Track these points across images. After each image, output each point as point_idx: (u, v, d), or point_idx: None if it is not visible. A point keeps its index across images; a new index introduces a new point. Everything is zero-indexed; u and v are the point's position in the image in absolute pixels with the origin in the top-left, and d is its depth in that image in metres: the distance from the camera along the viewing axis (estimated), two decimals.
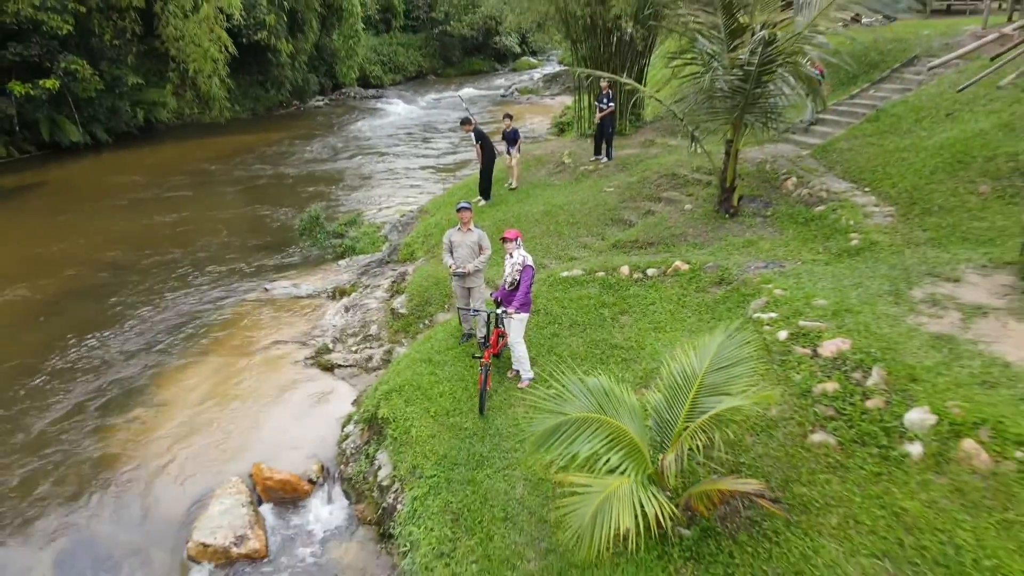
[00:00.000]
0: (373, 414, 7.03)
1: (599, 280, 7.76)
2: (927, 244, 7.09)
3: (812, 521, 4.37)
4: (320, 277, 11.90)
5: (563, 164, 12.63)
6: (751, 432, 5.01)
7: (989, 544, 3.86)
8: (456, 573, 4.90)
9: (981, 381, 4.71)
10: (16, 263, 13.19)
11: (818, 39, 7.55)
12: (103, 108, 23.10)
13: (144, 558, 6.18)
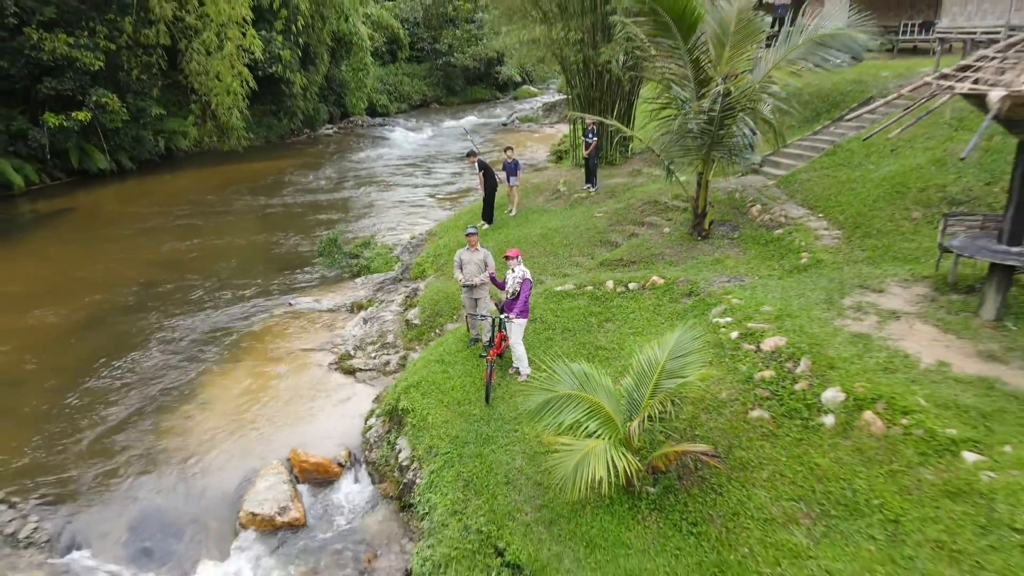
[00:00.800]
0: (393, 407, 8.23)
1: (588, 293, 9.02)
2: (864, 262, 8.37)
3: (748, 476, 5.57)
4: (339, 293, 13.16)
5: (558, 192, 14.01)
6: (705, 411, 6.23)
7: (878, 488, 5.07)
8: (467, 525, 6.07)
9: (884, 368, 5.95)
10: (60, 282, 14.44)
11: (772, 89, 8.93)
12: (128, 137, 24.61)
13: (202, 525, 7.34)
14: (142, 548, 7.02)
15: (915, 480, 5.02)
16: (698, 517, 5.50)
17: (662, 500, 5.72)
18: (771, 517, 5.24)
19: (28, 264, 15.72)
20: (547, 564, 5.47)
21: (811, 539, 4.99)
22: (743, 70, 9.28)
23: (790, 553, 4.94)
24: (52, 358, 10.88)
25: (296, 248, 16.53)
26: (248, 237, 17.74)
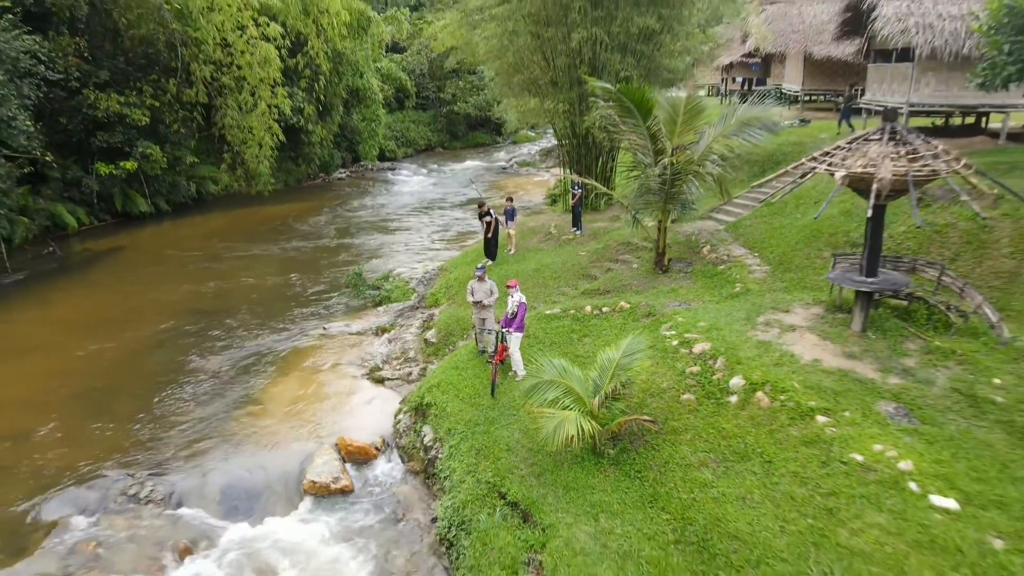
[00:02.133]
0: (419, 403, 10.59)
1: (571, 315, 11.49)
2: (781, 290, 10.87)
3: (676, 438, 7.94)
4: (365, 319, 15.59)
5: (550, 234, 16.60)
6: (650, 396, 8.63)
7: (760, 441, 7.43)
8: (479, 479, 8.38)
9: (775, 363, 8.38)
10: (123, 311, 16.86)
11: (712, 157, 11.58)
12: (166, 183, 27.38)
13: (273, 490, 9.61)
14: (231, 506, 9.29)
15: (784, 435, 7.41)
16: (641, 466, 7.84)
17: (618, 457, 8.06)
18: (690, 463, 7.59)
19: (94, 296, 18.18)
20: (536, 501, 7.78)
21: (715, 475, 7.33)
22: (691, 141, 11.94)
23: (700, 485, 7.28)
24: (132, 372, 13.24)
25: (323, 281, 19.00)
26: (279, 272, 20.21)
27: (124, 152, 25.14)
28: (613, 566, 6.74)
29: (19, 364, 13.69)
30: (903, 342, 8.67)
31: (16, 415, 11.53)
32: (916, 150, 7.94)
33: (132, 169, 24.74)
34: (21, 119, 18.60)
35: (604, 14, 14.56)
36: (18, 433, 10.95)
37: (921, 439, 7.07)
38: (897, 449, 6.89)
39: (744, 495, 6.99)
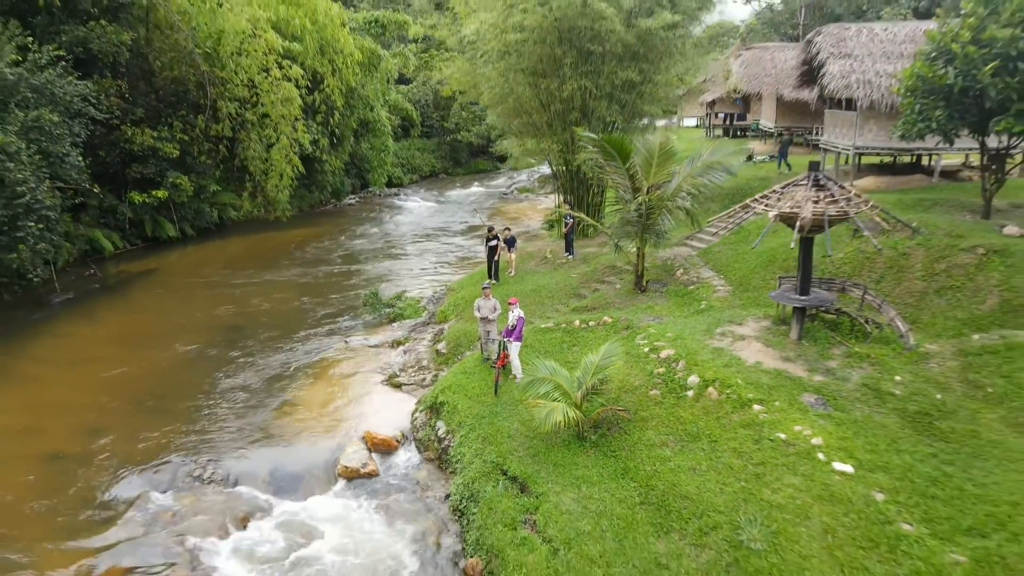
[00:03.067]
0: (433, 402, 12.51)
1: (562, 329, 13.48)
2: (739, 307, 12.87)
3: (644, 425, 9.87)
4: (382, 334, 17.56)
5: (546, 259, 18.66)
6: (624, 392, 10.58)
7: (709, 426, 9.37)
8: (485, 460, 10.28)
9: (725, 365, 10.34)
10: (164, 327, 18.83)
11: (682, 194, 13.67)
12: (191, 210, 29.55)
13: (313, 474, 11.48)
14: (279, 485, 11.18)
15: (728, 420, 9.35)
16: (616, 447, 9.76)
17: (598, 441, 9.99)
18: (654, 444, 9.51)
19: (135, 313, 20.18)
20: (531, 475, 9.68)
21: (673, 452, 9.26)
22: (664, 180, 14.05)
23: (661, 460, 9.19)
24: (179, 378, 15.18)
25: (340, 301, 20.98)
26: (300, 292, 22.20)
27: (155, 182, 27.35)
28: (591, 521, 8.64)
29: (81, 372, 15.65)
30: (830, 348, 10.66)
31: (88, 413, 13.46)
32: (833, 194, 10.02)
33: (163, 198, 26.92)
34: (73, 155, 20.80)
35: (592, 68, 16.81)
36: (92, 428, 12.87)
37: (832, 422, 9.02)
38: (812, 429, 8.84)
39: (694, 466, 8.91)
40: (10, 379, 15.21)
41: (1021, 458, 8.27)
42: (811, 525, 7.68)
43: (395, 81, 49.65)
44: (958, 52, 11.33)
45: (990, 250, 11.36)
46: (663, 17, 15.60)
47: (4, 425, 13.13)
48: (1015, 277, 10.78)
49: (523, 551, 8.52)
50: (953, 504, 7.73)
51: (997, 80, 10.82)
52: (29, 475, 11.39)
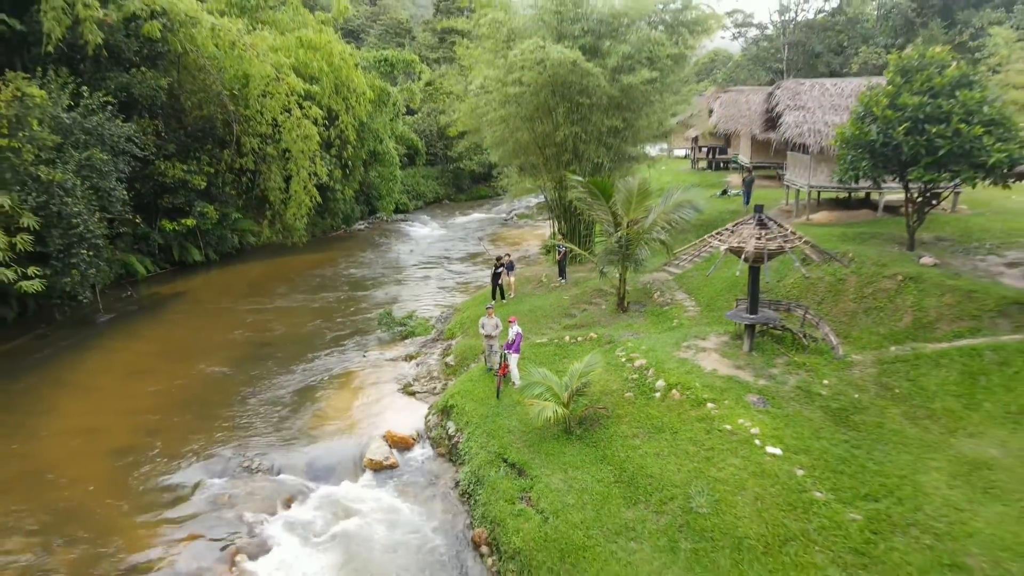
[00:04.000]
0: (443, 406, 14.66)
1: (554, 343, 15.69)
2: (705, 324, 15.10)
3: (619, 421, 12.03)
4: (396, 349, 19.74)
5: (542, 282, 20.94)
6: (604, 394, 12.77)
7: (672, 421, 11.54)
8: (489, 451, 12.42)
9: (687, 372, 12.55)
10: (197, 343, 21.01)
11: (657, 228, 15.99)
12: (215, 236, 31.92)
13: (343, 465, 13.57)
14: (316, 474, 13.27)
15: (687, 416, 11.53)
16: (597, 439, 11.91)
17: (582, 434, 12.14)
18: (627, 435, 11.67)
19: (171, 331, 22.38)
20: (527, 462, 11.80)
21: (642, 442, 11.41)
22: (642, 216, 16.37)
23: (632, 448, 11.34)
24: (219, 388, 17.32)
25: (356, 320, 23.18)
26: (318, 311, 24.41)
27: (184, 211, 29.77)
28: (575, 496, 10.77)
29: (133, 382, 17.82)
30: (774, 358, 12.87)
31: (143, 416, 15.60)
32: (772, 232, 12.33)
33: (191, 226, 29.31)
34: (118, 189, 23.23)
35: (581, 117, 19.24)
36: (150, 429, 15.01)
37: (769, 416, 11.21)
38: (752, 422, 11.02)
39: (658, 452, 11.07)
40: (74, 388, 17.38)
41: (912, 443, 10.45)
42: (746, 494, 9.82)
43: (402, 112, 52.52)
44: (879, 114, 13.70)
45: (907, 277, 13.63)
46: (642, 74, 18.08)
47: (75, 426, 15.28)
48: (925, 299, 13.02)
49: (520, 520, 10.62)
50: (856, 477, 9.90)
51: (909, 138, 13.17)
52: (104, 466, 13.52)
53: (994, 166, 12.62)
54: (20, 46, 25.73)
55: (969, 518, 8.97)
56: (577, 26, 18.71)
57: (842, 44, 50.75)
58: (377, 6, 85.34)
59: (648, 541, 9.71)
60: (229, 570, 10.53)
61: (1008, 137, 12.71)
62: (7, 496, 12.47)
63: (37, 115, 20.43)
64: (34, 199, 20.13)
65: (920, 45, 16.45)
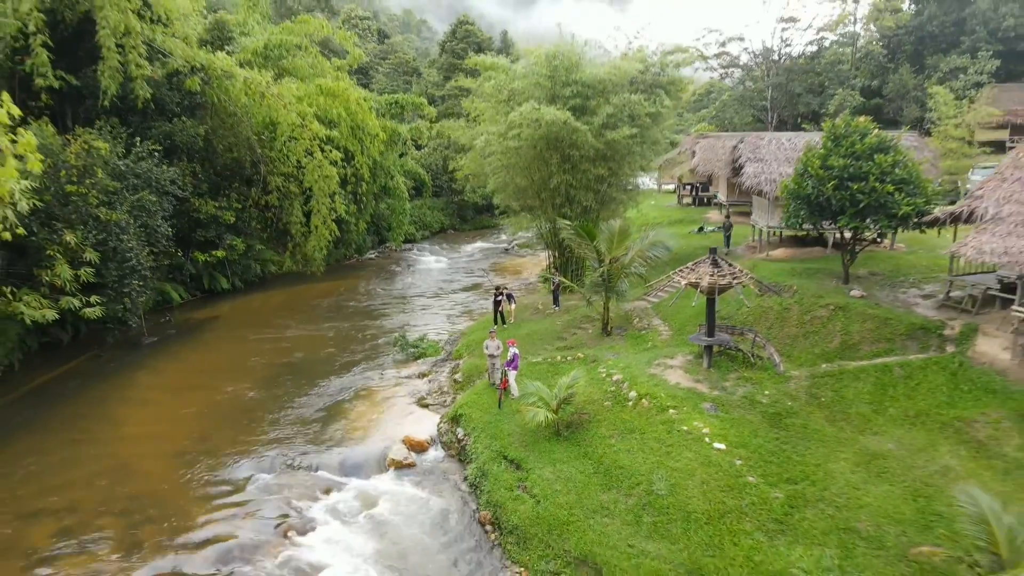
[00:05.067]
0: (453, 415, 17.33)
1: (547, 362, 18.42)
2: (675, 346, 17.83)
3: (599, 424, 14.71)
4: (410, 368, 22.43)
5: (538, 309, 23.71)
6: (588, 403, 15.47)
7: (641, 424, 14.23)
8: (492, 450, 15.06)
9: (655, 385, 15.26)
10: (233, 363, 23.71)
11: (635, 264, 18.84)
12: (240, 265, 34.84)
13: (370, 463, 16.19)
14: (347, 471, 15.89)
15: (653, 420, 14.21)
16: (580, 440, 14.57)
17: (569, 435, 14.79)
18: (605, 436, 14.33)
19: (209, 353, 25.13)
20: (524, 458, 14.45)
21: (617, 441, 14.07)
22: (622, 253, 19.22)
23: (609, 446, 13.99)
24: (258, 401, 20.00)
25: (373, 342, 25.88)
26: (337, 335, 27.12)
27: (214, 243, 32.75)
28: (561, 484, 13.40)
29: (182, 396, 20.52)
30: (728, 374, 15.59)
31: (195, 425, 18.27)
32: (723, 271, 15.16)
33: (221, 257, 32.27)
34: (163, 226, 26.23)
35: (572, 166, 22.24)
36: (202, 435, 17.67)
37: (718, 420, 13.89)
38: (704, 424, 13.71)
39: (629, 449, 13.73)
40: (133, 402, 20.09)
41: (828, 440, 13.13)
42: (695, 479, 12.48)
43: (410, 147, 55.93)
44: (814, 172, 16.61)
45: (838, 307, 16.40)
46: (623, 131, 21.11)
47: (139, 433, 17.97)
48: (851, 325, 15.78)
49: (517, 503, 13.24)
50: (781, 466, 12.56)
51: (836, 193, 16.04)
52: (169, 464, 16.18)
53: (904, 216, 15.49)
54: (75, 99, 29.01)
55: (862, 495, 11.61)
56: (568, 89, 21.81)
57: (822, 84, 54.24)
58: (385, 44, 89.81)
59: (618, 517, 12.33)
60: (283, 542, 13.15)
61: (915, 193, 15.59)
62: (95, 487, 15.12)
63: (101, 164, 23.51)
64: (94, 236, 23.09)
65: (847, 116, 19.36)
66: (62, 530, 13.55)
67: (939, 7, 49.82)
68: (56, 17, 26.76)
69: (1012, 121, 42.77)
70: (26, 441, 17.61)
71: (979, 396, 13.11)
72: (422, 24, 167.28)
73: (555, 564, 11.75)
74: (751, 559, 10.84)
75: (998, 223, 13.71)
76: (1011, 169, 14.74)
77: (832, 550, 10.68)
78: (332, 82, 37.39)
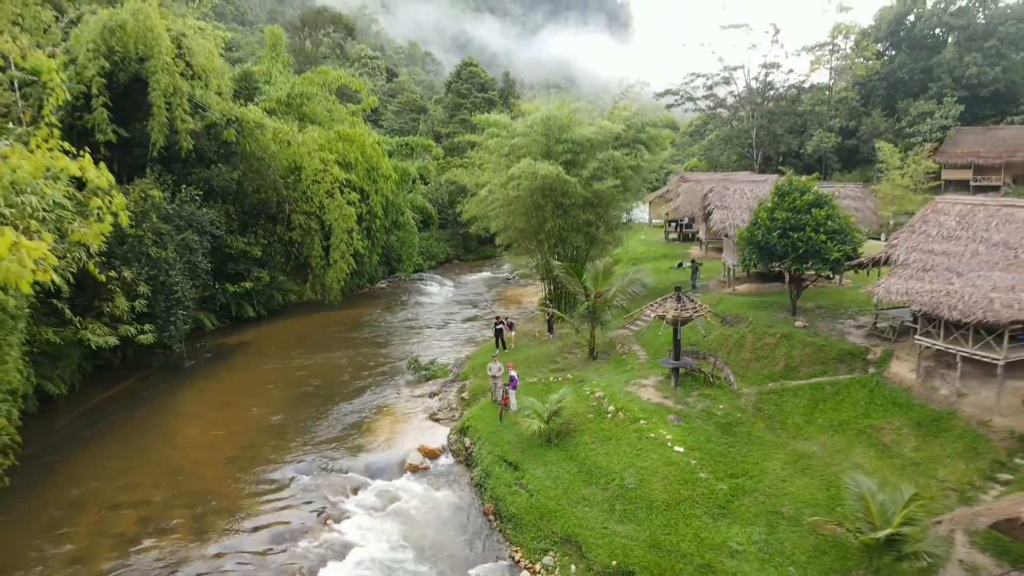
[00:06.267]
0: (461, 427, 20.38)
1: (542, 382, 21.54)
2: (649, 368, 20.94)
3: (583, 433, 17.75)
4: (422, 388, 25.50)
5: (535, 337, 26.86)
6: (574, 416, 18.55)
7: (617, 432, 17.29)
8: (494, 455, 18.09)
9: (630, 400, 18.36)
10: (265, 383, 26.80)
11: (617, 298, 22.07)
12: (264, 295, 38.12)
13: (391, 467, 19.22)
14: (372, 473, 18.90)
15: (626, 429, 17.27)
16: (567, 445, 17.60)
17: (559, 443, 17.82)
18: (588, 443, 17.36)
19: (243, 374, 28.25)
20: (521, 461, 17.47)
21: (597, 446, 17.11)
22: (606, 289, 22.42)
23: (591, 450, 17.02)
24: (290, 416, 23.03)
25: (387, 365, 28.95)
26: (356, 358, 30.19)
27: (243, 275, 36.10)
28: (551, 482, 16.41)
29: (225, 412, 23.61)
30: (691, 391, 18.68)
31: (240, 436, 21.33)
32: (686, 305, 18.36)
33: (249, 288, 35.61)
34: (204, 262, 29.60)
35: (564, 212, 25.62)
36: (247, 444, 20.72)
37: (680, 428, 16.95)
38: (668, 432, 16.77)
39: (606, 452, 16.77)
40: (183, 416, 23.18)
41: (767, 444, 16.18)
42: (658, 475, 15.50)
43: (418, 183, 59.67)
44: (763, 223, 19.91)
45: (783, 335, 19.56)
46: (608, 182, 24.53)
47: (192, 443, 21.03)
48: (793, 351, 18.91)
49: (515, 497, 16.25)
50: (727, 464, 15.59)
51: (780, 240, 19.31)
52: (221, 468, 19.21)
53: (835, 260, 18.72)
54: (124, 150, 32.68)
55: (788, 486, 14.64)
56: (560, 146, 25.30)
57: (803, 125, 58.08)
58: (394, 83, 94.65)
59: (596, 506, 15.33)
60: (323, 527, 16.14)
61: (845, 241, 18.84)
62: (162, 485, 18.15)
63: (153, 209, 27.00)
64: (146, 272, 26.45)
65: (791, 174, 22.77)
66: (142, 519, 16.58)
67: (909, 56, 53.83)
68: (111, 79, 30.52)
69: (975, 161, 46.37)
70: (97, 449, 20.69)
71: (888, 408, 16.19)
72: (427, 56, 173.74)
73: (544, 543, 14.71)
74: (698, 536, 13.83)
75: (905, 268, 16.92)
76: (920, 223, 18.02)
77: (761, 528, 13.69)
78: (350, 128, 41.21)
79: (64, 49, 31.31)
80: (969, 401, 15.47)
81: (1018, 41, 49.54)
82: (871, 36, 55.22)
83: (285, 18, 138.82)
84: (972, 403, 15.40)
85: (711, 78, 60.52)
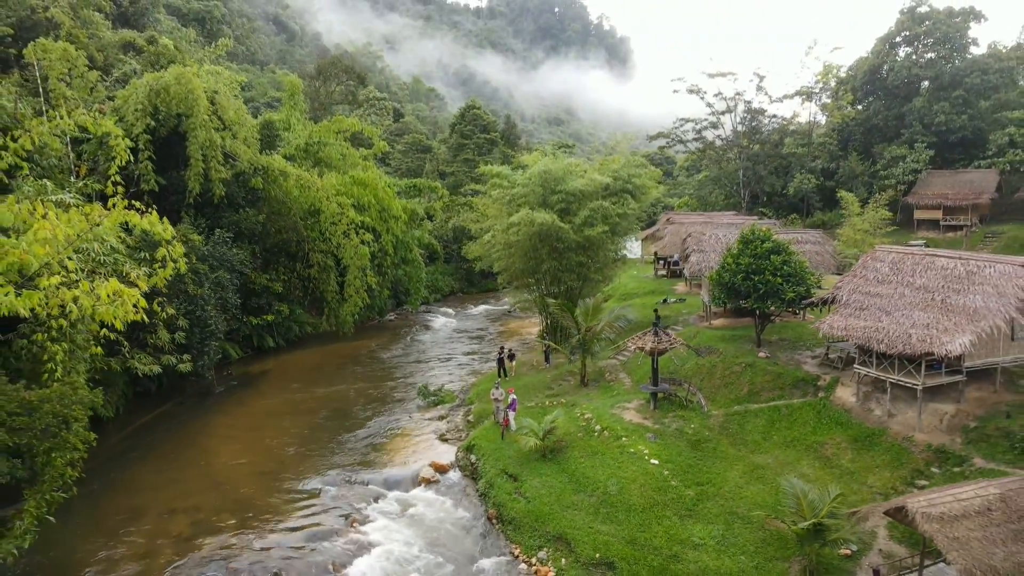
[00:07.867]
0: (468, 446, 23.17)
1: (538, 406, 24.38)
2: (633, 393, 23.81)
3: (573, 449, 20.55)
4: (431, 412, 28.29)
5: (533, 366, 29.76)
6: (565, 436, 21.37)
7: (602, 448, 20.10)
8: (497, 469, 20.86)
9: (615, 421, 21.20)
10: (289, 408, 29.58)
11: (604, 332, 25.07)
12: (283, 327, 41.14)
13: (406, 480, 21.96)
14: (389, 485, 21.63)
15: (611, 445, 20.08)
16: (560, 460, 20.37)
17: (552, 457, 20.58)
18: (577, 457, 20.14)
19: (267, 400, 31.09)
20: (520, 473, 20.23)
21: (585, 460, 19.89)
22: (595, 323, 25.42)
23: (580, 464, 19.80)
24: (313, 437, 25.82)
25: (399, 392, 31.80)
26: (369, 385, 33.04)
27: (264, 309, 39.17)
28: (545, 491, 19.16)
29: (255, 434, 26.40)
30: (668, 413, 21.53)
31: (271, 453, 24.09)
32: (661, 338, 21.35)
33: (271, 320, 38.66)
34: (233, 298, 32.71)
35: (558, 255, 28.78)
36: (277, 460, 23.48)
37: (656, 444, 19.76)
38: (646, 447, 19.59)
39: (593, 465, 19.55)
40: (217, 437, 25.99)
41: (730, 458, 18.98)
42: (636, 483, 18.28)
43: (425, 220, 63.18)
44: (729, 267, 23.03)
45: (747, 364, 22.48)
46: (598, 228, 27.77)
47: (229, 460, 23.80)
48: (755, 378, 21.82)
49: (514, 503, 19.00)
50: (696, 474, 18.38)
51: (744, 282, 22.38)
52: (257, 481, 21.96)
53: (791, 300, 21.78)
54: (162, 196, 36.11)
55: (744, 492, 17.41)
56: (555, 196, 28.65)
57: (787, 165, 61.73)
58: (400, 123, 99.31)
59: (583, 510, 18.08)
60: (349, 529, 18.87)
61: (799, 283, 21.91)
62: (208, 495, 20.90)
63: (192, 251, 30.24)
64: (184, 307, 29.54)
65: (756, 224, 26.09)
66: (195, 522, 19.31)
67: (883, 103, 57.72)
68: (153, 134, 34.09)
69: (944, 203, 49.76)
70: (146, 464, 23.48)
71: (832, 427, 19.05)
72: (431, 92, 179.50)
73: (539, 541, 17.43)
74: (668, 533, 16.57)
75: (846, 307, 19.95)
76: (860, 268, 21.12)
77: (720, 526, 16.44)
78: (363, 172, 44.78)
79: (112, 108, 35.03)
80: (897, 420, 18.33)
81: (983, 91, 53.33)
82: (848, 84, 59.27)
83: (295, 58, 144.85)
84: (899, 422, 18.26)
85: (699, 123, 64.48)
